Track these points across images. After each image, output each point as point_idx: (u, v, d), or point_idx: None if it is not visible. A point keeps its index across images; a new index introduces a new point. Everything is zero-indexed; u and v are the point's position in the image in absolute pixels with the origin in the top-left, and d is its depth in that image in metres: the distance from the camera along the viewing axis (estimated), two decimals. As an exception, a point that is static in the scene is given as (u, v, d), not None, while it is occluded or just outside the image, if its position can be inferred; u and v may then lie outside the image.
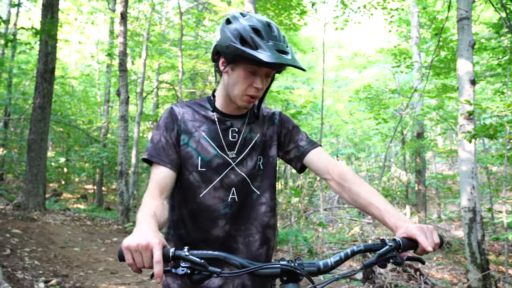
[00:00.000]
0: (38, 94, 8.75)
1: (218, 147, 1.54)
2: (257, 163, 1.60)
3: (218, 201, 1.54)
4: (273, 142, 1.66)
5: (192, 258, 1.13)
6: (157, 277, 1.07)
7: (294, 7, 12.38)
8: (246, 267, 1.19)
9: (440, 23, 10.50)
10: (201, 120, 1.57)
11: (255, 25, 1.40)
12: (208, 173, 1.53)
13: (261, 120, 1.66)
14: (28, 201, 8.44)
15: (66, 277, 4.70)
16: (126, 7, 9.92)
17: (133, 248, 1.08)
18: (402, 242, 1.27)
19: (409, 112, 12.73)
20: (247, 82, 1.45)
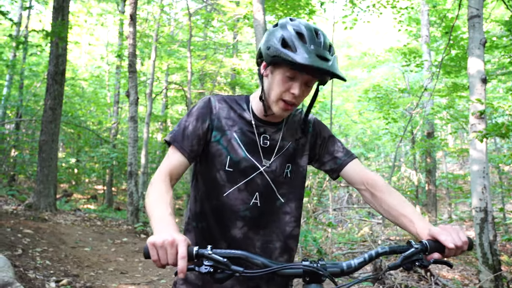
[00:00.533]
0: (49, 95, 8.82)
1: (248, 150, 1.52)
2: (285, 171, 1.57)
3: (239, 203, 1.52)
4: (304, 152, 1.63)
5: (215, 257, 1.14)
6: (180, 272, 1.09)
7: (303, 6, 12.35)
8: (268, 267, 1.19)
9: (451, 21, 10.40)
10: (235, 120, 1.54)
11: (300, 29, 1.38)
12: (235, 174, 1.51)
13: (294, 126, 1.62)
14: (39, 201, 8.52)
15: (77, 277, 4.73)
16: (135, 8, 9.96)
17: (159, 244, 1.10)
18: (429, 244, 1.25)
19: (419, 112, 12.64)
20: (284, 86, 1.41)
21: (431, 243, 1.25)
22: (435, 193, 13.55)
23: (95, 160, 17.29)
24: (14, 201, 9.94)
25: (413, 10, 13.58)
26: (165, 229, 1.16)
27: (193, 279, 1.56)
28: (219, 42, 17.05)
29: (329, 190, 13.82)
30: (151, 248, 1.12)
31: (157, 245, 1.11)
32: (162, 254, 1.11)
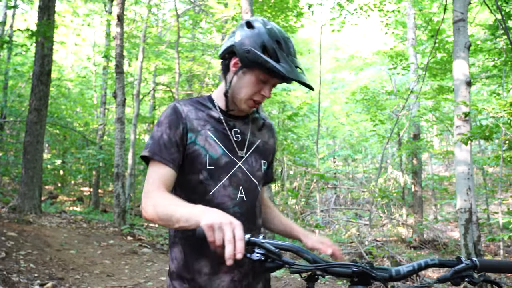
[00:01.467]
0: (34, 96, 8.72)
1: (224, 146, 1.53)
2: (262, 167, 1.62)
3: (227, 199, 1.51)
4: (271, 155, 1.72)
5: (267, 246, 1.15)
6: (239, 252, 1.09)
7: (291, 9, 12.41)
8: (318, 262, 1.20)
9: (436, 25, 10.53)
10: (205, 119, 1.55)
11: (278, 37, 1.46)
12: (217, 171, 1.51)
13: (262, 128, 1.69)
14: (23, 203, 8.40)
15: (62, 280, 4.68)
16: (122, 9, 9.91)
17: (217, 225, 1.12)
18: (480, 262, 1.23)
19: (405, 114, 12.76)
20: (256, 88, 1.49)
21: (482, 262, 1.24)
22: (421, 195, 13.68)
23: (81, 161, 17.13)
24: (-2, 203, 9.79)
25: (399, 14, 13.74)
26: (215, 211, 1.20)
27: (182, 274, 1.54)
28: (207, 44, 17.01)
29: (317, 192, 13.88)
30: (207, 229, 1.13)
31: (215, 225, 1.12)
32: (219, 235, 1.12)
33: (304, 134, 19.66)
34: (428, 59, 8.44)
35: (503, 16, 6.50)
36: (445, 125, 11.83)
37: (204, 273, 1.49)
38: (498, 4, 6.24)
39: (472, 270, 1.23)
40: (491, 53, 9.01)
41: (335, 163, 23.97)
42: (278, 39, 1.45)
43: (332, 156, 23.02)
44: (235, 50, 1.48)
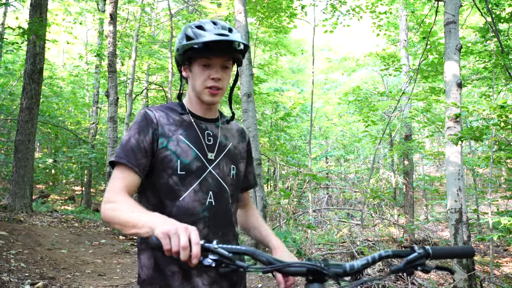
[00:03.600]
0: (25, 94, 8.67)
1: (198, 149, 1.55)
2: (231, 172, 1.63)
3: (197, 204, 1.51)
4: (243, 158, 1.74)
5: (221, 251, 1.14)
6: (194, 257, 1.09)
7: (284, 9, 12.43)
8: (272, 264, 1.19)
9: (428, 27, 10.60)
10: (176, 124, 1.56)
11: (200, 23, 1.51)
12: (188, 176, 1.51)
13: (233, 132, 1.72)
14: (14, 202, 8.35)
15: (53, 280, 4.65)
16: (115, 7, 9.87)
17: (172, 231, 1.11)
18: (432, 250, 1.25)
19: (397, 115, 12.83)
20: (204, 75, 1.51)
21: (435, 249, 1.25)
22: (413, 195, 13.77)
23: (73, 160, 17.02)
24: (-12, 202, 9.71)
25: (391, 15, 13.82)
26: (168, 219, 1.19)
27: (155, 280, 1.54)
28: (200, 43, 17.00)
29: (309, 192, 13.91)
30: (163, 237, 1.11)
31: (170, 232, 1.11)
32: (175, 241, 1.10)
33: (297, 134, 19.69)
34: (419, 61, 8.49)
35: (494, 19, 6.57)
36: (436, 126, 11.90)
37: (177, 276, 1.49)
38: (488, 7, 6.31)
39: (425, 258, 1.24)
40: (481, 55, 9.08)
41: (328, 163, 24.03)
42: (200, 24, 1.51)
43: (325, 156, 23.07)
44: (177, 60, 1.59)
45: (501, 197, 9.35)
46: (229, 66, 1.56)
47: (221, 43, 1.45)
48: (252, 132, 7.13)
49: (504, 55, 6.74)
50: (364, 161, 24.22)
